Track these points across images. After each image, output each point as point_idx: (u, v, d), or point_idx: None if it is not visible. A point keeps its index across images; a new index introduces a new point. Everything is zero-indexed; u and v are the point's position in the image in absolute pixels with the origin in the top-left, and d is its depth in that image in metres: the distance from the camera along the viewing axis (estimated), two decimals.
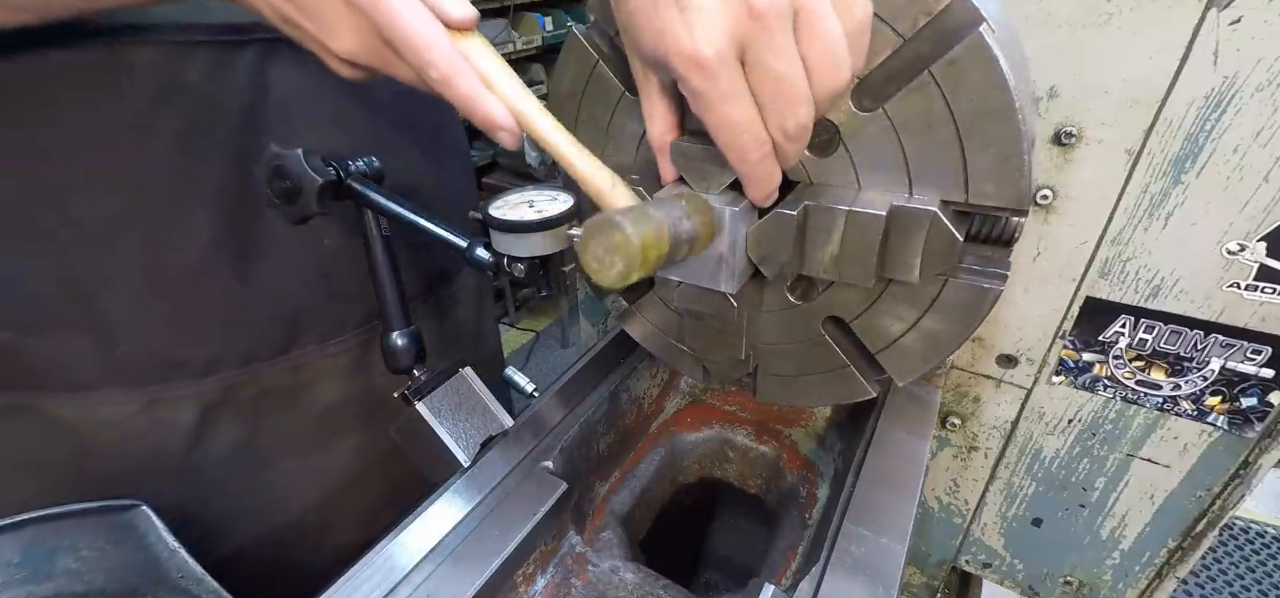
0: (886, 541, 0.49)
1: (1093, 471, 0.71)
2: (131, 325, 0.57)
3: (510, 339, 3.26)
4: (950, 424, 0.77)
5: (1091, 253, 0.60)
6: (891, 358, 0.51)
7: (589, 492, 0.66)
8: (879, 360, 0.52)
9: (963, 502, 0.82)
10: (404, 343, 0.60)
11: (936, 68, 0.40)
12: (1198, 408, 0.63)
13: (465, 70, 0.41)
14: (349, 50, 0.42)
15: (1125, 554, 0.74)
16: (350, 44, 0.41)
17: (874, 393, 0.54)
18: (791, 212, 0.44)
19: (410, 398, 0.58)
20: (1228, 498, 0.64)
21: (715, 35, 0.35)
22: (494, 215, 0.49)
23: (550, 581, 0.56)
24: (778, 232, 0.45)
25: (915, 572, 0.92)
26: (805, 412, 0.76)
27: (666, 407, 0.79)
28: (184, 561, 0.53)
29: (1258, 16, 0.47)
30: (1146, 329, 0.61)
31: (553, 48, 3.44)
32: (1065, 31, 0.53)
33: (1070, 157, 0.57)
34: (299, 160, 0.53)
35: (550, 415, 0.64)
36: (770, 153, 0.40)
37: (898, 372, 0.51)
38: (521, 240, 0.50)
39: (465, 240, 0.54)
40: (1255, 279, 0.55)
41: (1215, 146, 0.52)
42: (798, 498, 0.67)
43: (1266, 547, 1.66)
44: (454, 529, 0.51)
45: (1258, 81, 0.49)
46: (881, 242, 0.43)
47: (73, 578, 0.51)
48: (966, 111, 0.40)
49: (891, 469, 0.56)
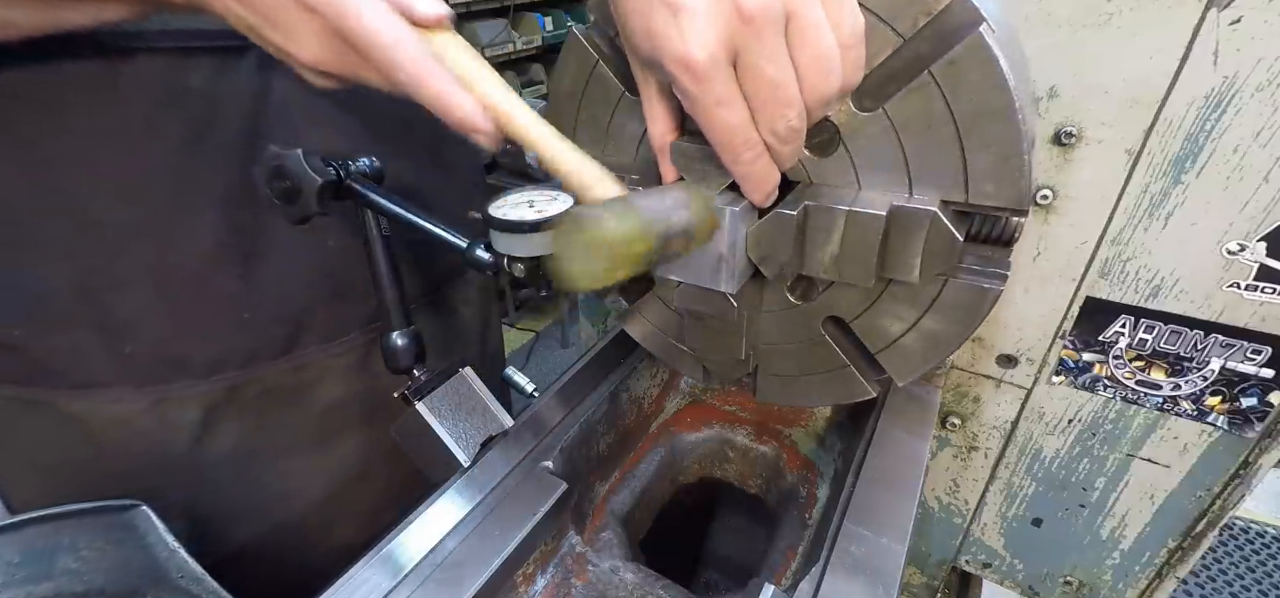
0: (886, 541, 0.49)
1: (1093, 471, 0.71)
2: (138, 325, 0.58)
3: (510, 339, 3.26)
4: (950, 424, 0.77)
5: (1091, 253, 0.60)
6: (892, 358, 0.51)
7: (589, 492, 0.66)
8: (879, 360, 0.52)
9: (963, 502, 0.82)
10: (404, 343, 0.60)
11: (936, 68, 0.40)
12: (1198, 408, 0.63)
13: (435, 70, 0.39)
14: (314, 57, 0.40)
15: (1125, 554, 0.74)
16: (314, 50, 0.40)
17: (874, 393, 0.54)
18: (791, 212, 0.44)
19: (410, 398, 0.58)
20: (1228, 498, 0.64)
21: (706, 38, 0.35)
22: (494, 215, 0.49)
23: (550, 581, 0.56)
24: (777, 232, 0.45)
25: (915, 572, 0.92)
26: (805, 412, 0.76)
27: (666, 407, 0.79)
28: (184, 561, 0.53)
29: (1258, 16, 0.47)
30: (1146, 329, 0.61)
31: (553, 48, 3.44)
32: (1065, 31, 0.53)
33: (1070, 156, 0.57)
34: (299, 160, 0.53)
35: (550, 415, 0.64)
36: (764, 154, 0.41)
37: (898, 372, 0.51)
38: (521, 240, 0.50)
39: (465, 241, 0.54)
40: (1255, 279, 0.55)
41: (1215, 146, 0.52)
42: (798, 498, 0.67)
43: (1266, 547, 1.66)
44: (454, 529, 0.51)
45: (1258, 81, 0.49)
46: (881, 242, 0.43)
47: (73, 578, 0.51)
48: (966, 111, 0.40)
49: (891, 469, 0.56)
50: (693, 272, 0.47)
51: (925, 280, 0.46)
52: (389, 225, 0.58)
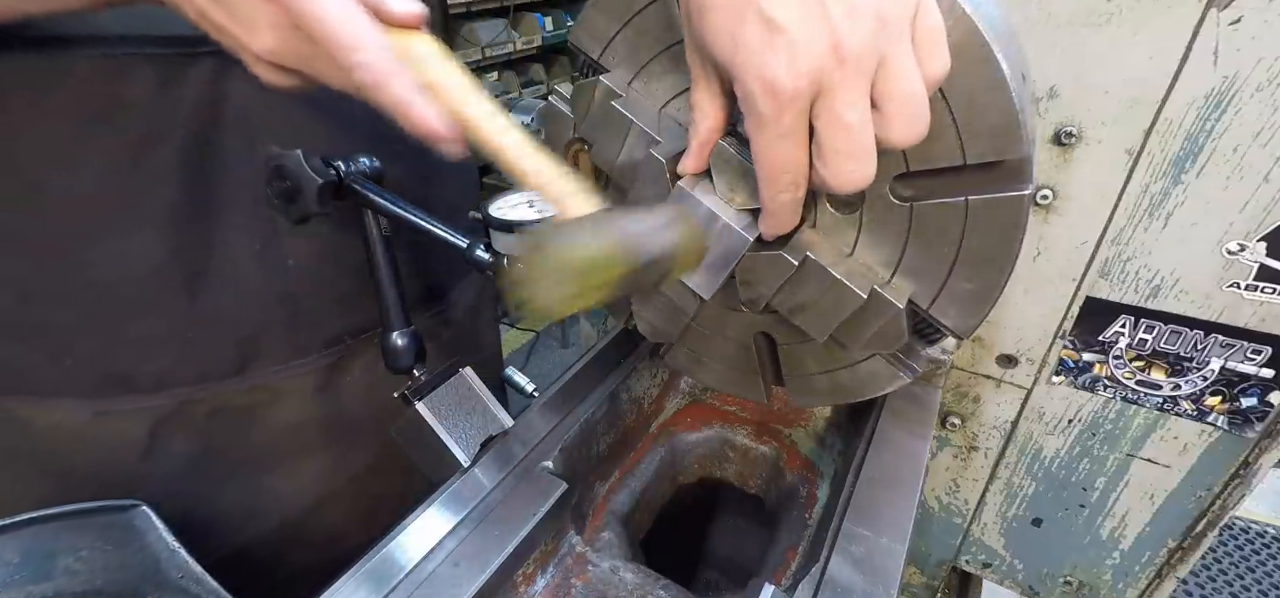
0: (886, 541, 0.49)
1: (1093, 471, 0.71)
2: (77, 338, 0.57)
3: (510, 339, 3.26)
4: (950, 424, 0.77)
5: (1091, 253, 0.60)
6: (797, 386, 0.55)
7: (589, 492, 0.66)
8: (786, 383, 0.56)
9: (963, 502, 0.82)
10: (404, 343, 0.60)
11: (974, 200, 0.41)
12: (1198, 408, 0.63)
13: (397, 73, 0.37)
14: (269, 48, 0.38)
15: (1125, 554, 0.74)
16: (268, 41, 0.37)
17: (766, 401, 0.58)
18: (793, 259, 0.44)
19: (410, 398, 0.58)
20: (1228, 498, 0.64)
21: (798, 68, 0.33)
22: (494, 215, 0.49)
23: (550, 581, 0.55)
24: (771, 271, 0.46)
25: (915, 572, 0.92)
26: (805, 412, 0.76)
27: (666, 407, 0.79)
28: (184, 561, 0.53)
29: (1258, 16, 0.47)
30: (1146, 329, 0.61)
31: (553, 48, 3.44)
32: (1065, 32, 0.53)
33: (1070, 157, 0.57)
34: (298, 160, 0.53)
35: (550, 415, 0.64)
36: (801, 198, 0.40)
37: (797, 397, 0.56)
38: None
39: (465, 240, 0.54)
40: (1255, 279, 0.55)
41: (1215, 147, 0.52)
42: (798, 498, 0.67)
43: (1266, 547, 1.66)
44: (454, 529, 0.51)
45: (1258, 81, 0.49)
46: None
47: (73, 578, 0.51)
48: (973, 247, 0.42)
49: (891, 469, 0.56)
50: None
51: (862, 352, 0.50)
52: (389, 225, 0.58)
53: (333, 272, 0.65)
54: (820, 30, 0.33)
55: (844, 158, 0.36)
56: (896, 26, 0.34)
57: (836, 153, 0.36)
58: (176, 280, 0.59)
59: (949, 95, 0.39)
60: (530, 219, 0.47)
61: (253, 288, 0.62)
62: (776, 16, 0.33)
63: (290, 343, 0.66)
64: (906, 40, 0.34)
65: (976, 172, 0.40)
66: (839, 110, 0.34)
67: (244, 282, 0.61)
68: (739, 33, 0.35)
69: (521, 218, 0.48)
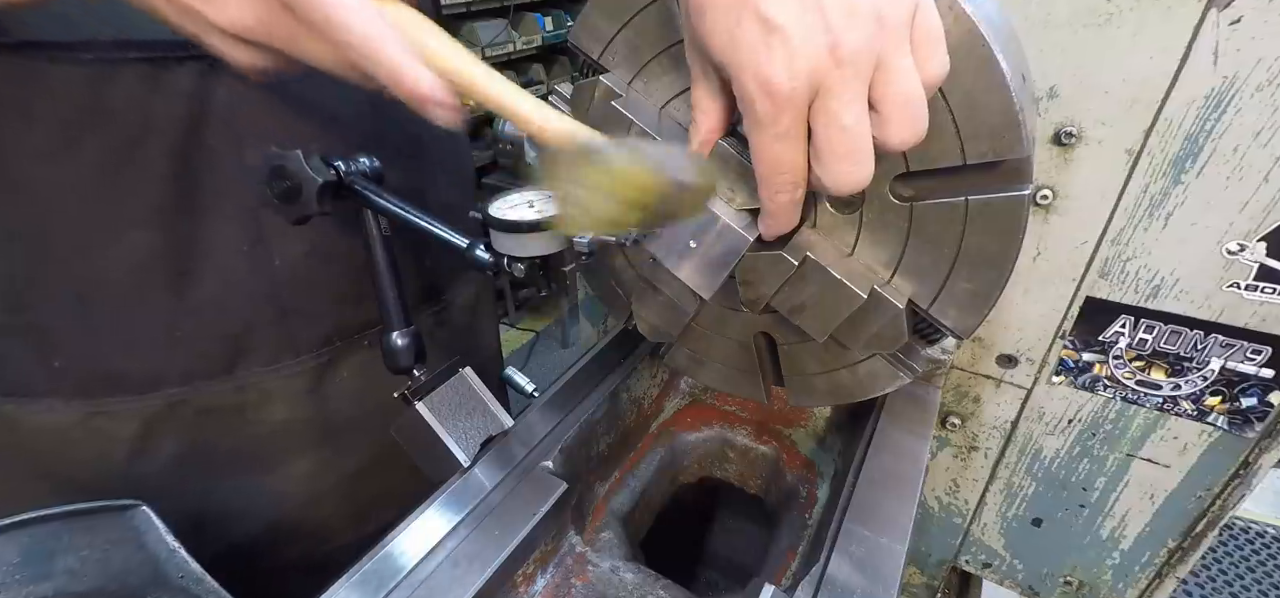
0: (886, 541, 0.49)
1: (1093, 471, 0.71)
2: (66, 338, 0.57)
3: (510, 339, 3.26)
4: (950, 424, 0.77)
5: (1091, 253, 0.60)
6: (797, 385, 0.55)
7: (589, 492, 0.66)
8: (786, 383, 0.56)
9: (963, 502, 0.82)
10: (404, 343, 0.60)
11: (974, 199, 0.41)
12: (1198, 408, 0.63)
13: (390, 37, 0.35)
14: (237, 20, 0.35)
15: (1125, 554, 0.74)
16: (236, 12, 0.35)
17: (766, 401, 0.59)
18: (793, 259, 0.45)
19: (410, 398, 0.58)
20: (1228, 498, 0.64)
21: (795, 68, 0.33)
22: (494, 215, 0.49)
23: (550, 581, 0.55)
24: (772, 271, 0.46)
25: (915, 572, 0.92)
26: (805, 412, 0.76)
27: (666, 407, 0.79)
28: (184, 560, 0.53)
29: (1258, 16, 0.47)
30: (1146, 329, 0.61)
31: (553, 48, 3.44)
32: (1065, 32, 0.53)
33: (1070, 156, 0.57)
34: (299, 160, 0.53)
35: (550, 415, 0.64)
36: (800, 197, 0.39)
37: (797, 397, 0.56)
38: (521, 240, 0.50)
39: (465, 240, 0.54)
40: (1255, 279, 0.55)
41: (1215, 146, 0.52)
42: (798, 498, 0.67)
43: (1266, 547, 1.66)
44: (454, 529, 0.51)
45: (1258, 81, 0.49)
46: None
47: (73, 578, 0.51)
48: (973, 247, 0.42)
49: (891, 469, 0.56)
50: (674, 259, 0.47)
51: (862, 352, 0.50)
52: (389, 226, 0.58)
53: (322, 272, 0.65)
54: (818, 31, 0.33)
55: (841, 159, 0.36)
56: (895, 28, 0.33)
57: (833, 154, 0.36)
58: (164, 280, 0.59)
59: (949, 96, 0.39)
60: (530, 219, 0.47)
61: (240, 288, 0.62)
62: (774, 16, 0.33)
63: (279, 343, 0.66)
64: (905, 41, 0.34)
65: (976, 172, 0.41)
66: (836, 111, 0.34)
67: (231, 281, 0.61)
68: (737, 32, 0.34)
69: (521, 218, 0.48)
